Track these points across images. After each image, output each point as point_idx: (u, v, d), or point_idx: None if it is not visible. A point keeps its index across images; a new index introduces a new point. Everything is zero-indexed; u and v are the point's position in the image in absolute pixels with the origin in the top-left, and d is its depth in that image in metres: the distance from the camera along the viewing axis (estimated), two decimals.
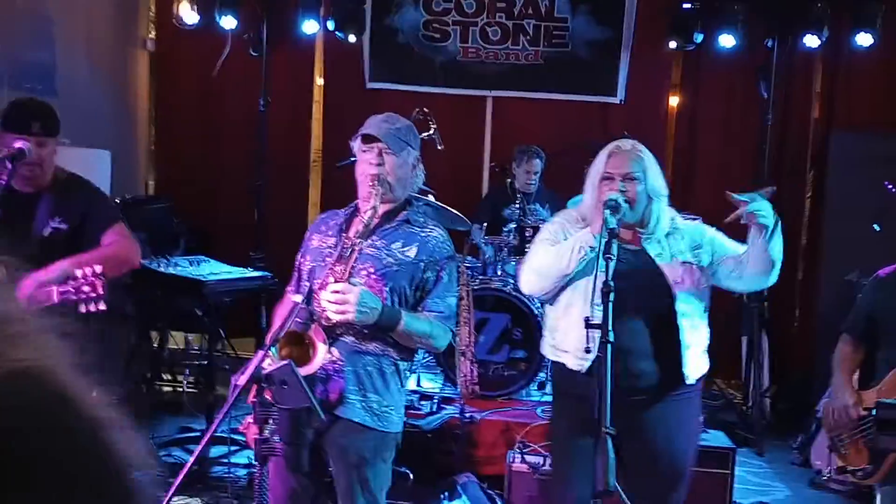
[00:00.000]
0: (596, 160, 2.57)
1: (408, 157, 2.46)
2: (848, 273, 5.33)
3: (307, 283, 2.36)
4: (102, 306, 2.45)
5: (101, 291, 2.43)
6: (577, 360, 2.47)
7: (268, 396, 2.05)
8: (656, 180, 2.56)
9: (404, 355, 2.47)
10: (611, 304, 1.89)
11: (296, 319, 2.19)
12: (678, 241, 2.58)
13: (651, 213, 2.54)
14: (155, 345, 5.45)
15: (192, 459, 1.95)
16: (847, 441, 2.93)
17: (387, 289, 2.38)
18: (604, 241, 2.28)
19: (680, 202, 5.98)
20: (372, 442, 2.41)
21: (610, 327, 1.81)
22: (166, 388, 5.62)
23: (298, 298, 2.19)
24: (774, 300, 5.89)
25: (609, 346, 1.77)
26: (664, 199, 2.59)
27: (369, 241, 2.38)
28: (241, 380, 2.04)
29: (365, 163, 2.43)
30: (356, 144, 2.48)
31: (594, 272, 2.33)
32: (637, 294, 2.41)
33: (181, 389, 5.40)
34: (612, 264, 2.22)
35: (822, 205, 5.80)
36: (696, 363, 2.55)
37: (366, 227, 2.31)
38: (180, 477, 1.91)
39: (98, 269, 2.45)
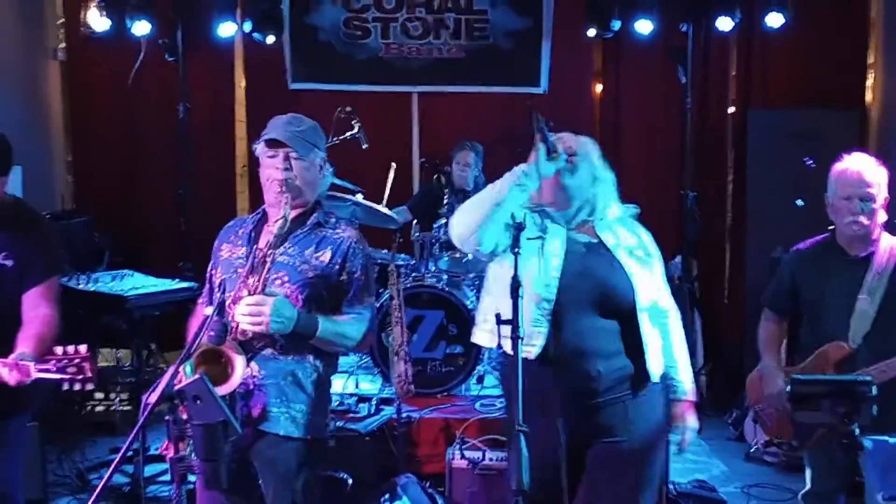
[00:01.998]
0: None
1: (315, 159, 2.43)
2: (772, 250, 5.48)
3: (220, 295, 2.29)
4: (90, 386, 2.35)
5: (89, 374, 2.34)
6: (524, 347, 2.31)
7: (181, 413, 1.99)
8: (602, 164, 2.49)
9: (325, 360, 2.43)
10: (520, 300, 1.87)
11: (209, 332, 2.12)
12: (629, 235, 2.48)
13: (598, 196, 2.45)
14: None
15: (103, 481, 1.88)
16: (773, 415, 3.00)
17: (303, 297, 2.34)
18: (532, 178, 2.24)
19: None
20: (300, 451, 2.37)
21: (520, 322, 1.79)
22: (98, 408, 5.45)
23: (209, 311, 2.12)
24: (704, 279, 6.02)
25: (520, 341, 1.76)
26: (610, 187, 2.51)
27: (282, 249, 2.33)
28: (153, 398, 1.98)
29: (271, 168, 2.38)
30: (259, 148, 2.42)
31: (539, 257, 2.27)
32: (595, 289, 2.30)
33: (113, 408, 5.25)
34: (553, 255, 2.21)
35: (744, 183, 5.94)
36: (658, 359, 2.42)
37: (277, 237, 2.25)
38: (94, 496, 1.83)
39: (83, 349, 2.35)
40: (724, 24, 5.52)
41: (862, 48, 5.90)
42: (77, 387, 2.35)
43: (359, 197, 4.66)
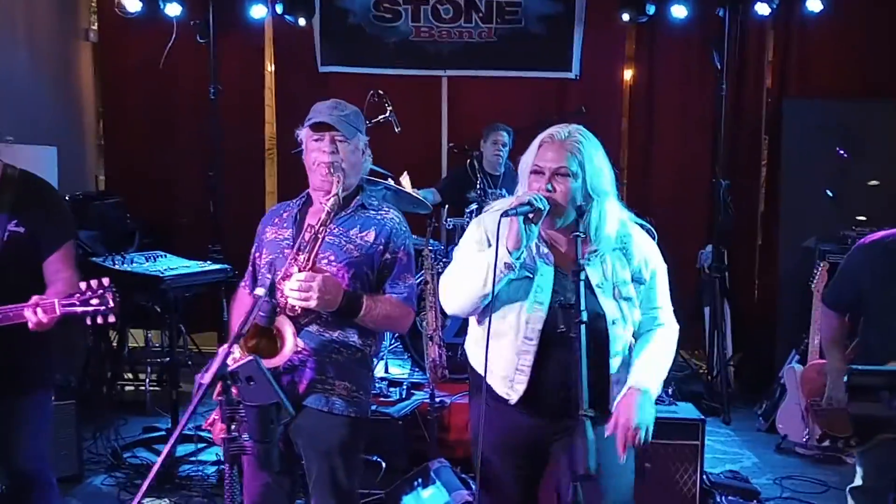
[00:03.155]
0: (529, 148, 2.24)
1: (359, 143, 2.45)
2: (805, 239, 5.42)
3: (269, 276, 2.29)
4: (112, 318, 2.36)
5: (111, 304, 2.34)
6: (504, 389, 2.22)
7: (234, 393, 1.99)
8: (598, 176, 2.17)
9: (369, 340, 2.45)
10: (582, 283, 1.82)
11: (259, 313, 2.12)
12: (624, 266, 2.22)
13: (590, 215, 2.16)
14: (114, 344, 5.31)
15: (160, 460, 1.88)
16: (832, 412, 2.91)
17: (349, 276, 2.36)
18: (522, 257, 2.05)
19: (637, 177, 6.16)
20: (342, 429, 2.39)
21: (583, 307, 1.76)
22: (128, 388, 5.50)
23: (261, 292, 2.12)
24: (735, 268, 5.97)
25: (583, 326, 1.73)
26: (609, 198, 2.20)
27: (327, 230, 2.33)
28: (206, 378, 1.97)
29: (317, 151, 2.40)
30: (303, 133, 2.44)
31: (524, 302, 2.12)
32: (574, 328, 2.01)
33: (143, 388, 5.30)
34: (539, 292, 2.08)
35: (777, 172, 5.87)
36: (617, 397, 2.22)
37: (328, 214, 2.27)
38: (148, 480, 1.84)
39: (106, 280, 2.36)
40: (762, 9, 5.45)
41: None
42: (100, 320, 2.36)
43: (389, 181, 4.66)
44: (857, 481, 2.94)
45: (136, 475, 4.12)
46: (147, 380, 5.33)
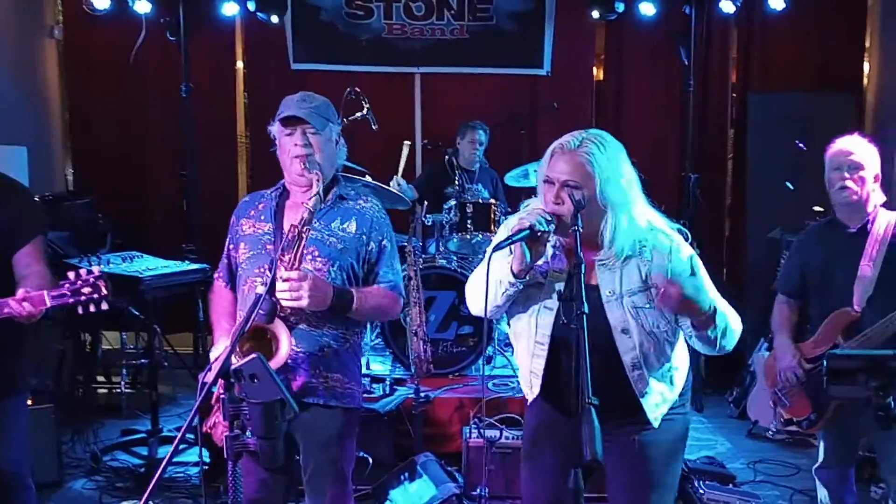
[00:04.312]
0: (544, 156, 2.16)
1: (331, 134, 2.45)
2: (771, 230, 5.57)
3: (268, 273, 2.29)
4: (105, 306, 2.35)
5: (104, 292, 2.34)
6: (526, 389, 2.30)
7: (236, 392, 2.00)
8: (612, 185, 2.08)
9: (356, 330, 2.49)
10: (581, 275, 1.87)
11: (260, 311, 2.13)
12: (635, 270, 2.13)
13: (606, 226, 2.09)
14: (87, 347, 5.24)
15: (166, 460, 1.89)
16: (790, 394, 3.09)
17: (333, 269, 2.38)
18: (527, 277, 2.05)
19: None
20: (338, 420, 2.44)
21: (584, 299, 1.81)
22: (102, 391, 5.43)
23: (261, 289, 2.13)
24: (703, 260, 6.07)
25: (585, 317, 1.78)
26: (628, 206, 2.11)
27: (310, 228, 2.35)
28: (209, 377, 1.99)
29: (290, 145, 2.40)
30: (275, 128, 2.44)
31: (536, 305, 2.14)
32: (576, 321, 1.92)
33: (118, 391, 5.23)
34: (549, 298, 2.11)
35: (743, 165, 6.02)
36: (660, 406, 2.19)
37: (311, 213, 2.27)
38: (154, 481, 1.85)
39: (97, 269, 2.37)
40: (727, 6, 5.56)
41: (860, 33, 5.99)
42: (92, 308, 2.36)
43: (366, 178, 4.67)
44: (820, 458, 3.10)
45: (116, 478, 4.09)
46: (122, 382, 5.27)
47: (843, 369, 2.22)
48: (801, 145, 5.50)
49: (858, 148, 2.93)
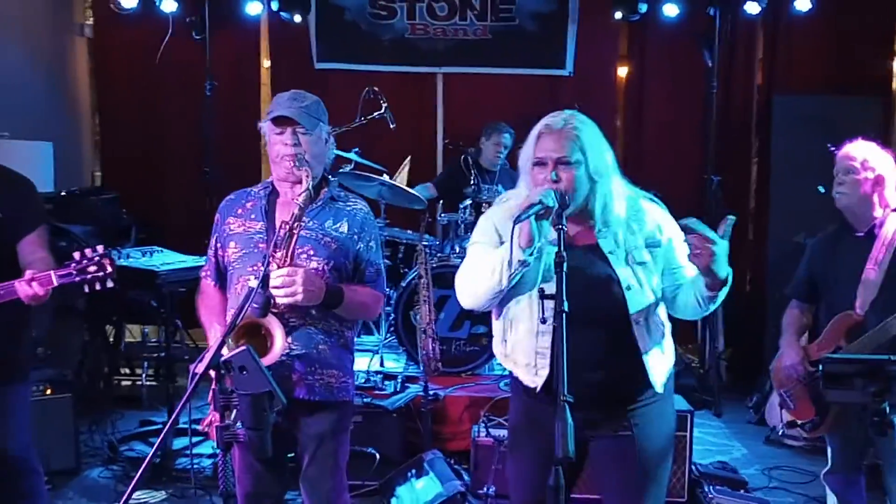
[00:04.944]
0: (526, 141, 2.23)
1: (321, 133, 2.47)
2: (796, 235, 5.47)
3: (262, 268, 2.32)
4: (110, 284, 2.39)
5: (109, 269, 2.37)
6: (529, 377, 2.24)
7: (227, 383, 2.04)
8: (599, 158, 2.19)
9: (348, 325, 2.52)
10: (564, 274, 1.86)
11: (252, 305, 2.16)
12: (635, 233, 2.23)
13: (596, 197, 2.19)
14: (111, 339, 5.36)
15: (153, 450, 1.93)
16: (795, 396, 3.05)
17: (329, 268, 2.41)
18: (535, 254, 2.06)
19: (630, 172, 6.20)
20: (333, 414, 2.47)
21: (564, 297, 1.80)
22: (125, 383, 5.54)
23: (254, 283, 2.16)
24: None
25: (564, 315, 1.77)
26: (613, 177, 2.22)
27: (301, 225, 2.37)
28: (200, 368, 2.03)
29: (280, 144, 2.42)
30: (266, 126, 2.46)
31: (536, 283, 2.13)
32: (584, 297, 2.04)
33: (140, 383, 5.34)
34: (548, 271, 2.05)
35: (767, 168, 5.93)
36: (660, 367, 2.25)
37: (301, 209, 2.30)
38: (142, 469, 1.88)
39: (101, 248, 2.41)
40: (752, 7, 5.49)
41: (887, 34, 5.86)
42: (98, 286, 2.39)
43: (384, 177, 4.71)
44: (829, 464, 3.05)
45: (132, 468, 4.16)
46: (143, 374, 5.37)
47: (839, 374, 2.18)
48: (832, 148, 5.40)
49: (859, 152, 2.91)
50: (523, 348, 2.24)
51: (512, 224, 2.03)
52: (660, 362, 2.25)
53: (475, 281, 2.20)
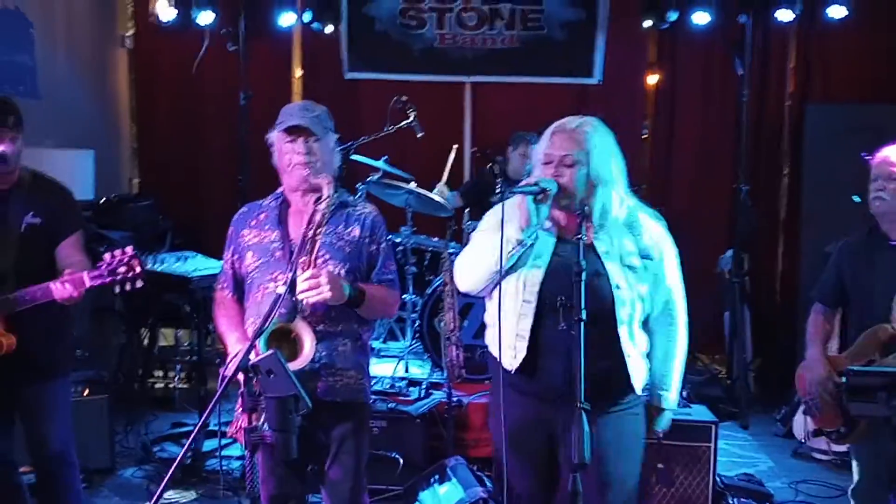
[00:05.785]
0: (542, 138, 2.33)
1: (330, 141, 2.56)
2: (827, 245, 5.41)
3: (290, 274, 2.38)
4: (139, 284, 2.49)
5: (138, 270, 2.48)
6: (508, 359, 2.32)
7: (255, 386, 2.10)
8: (604, 164, 2.27)
9: (366, 327, 2.60)
10: (583, 284, 1.90)
11: (280, 310, 2.23)
12: (631, 241, 2.31)
13: (595, 201, 2.26)
14: (145, 342, 5.49)
15: (182, 451, 2.01)
16: (821, 404, 3.01)
17: (345, 271, 2.48)
18: (532, 235, 2.15)
19: (659, 180, 6.20)
20: (354, 414, 2.54)
21: (583, 305, 1.84)
22: (158, 385, 5.66)
23: (282, 289, 2.23)
24: (756, 273, 5.98)
25: (582, 324, 1.81)
26: (615, 186, 2.29)
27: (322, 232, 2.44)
28: (229, 371, 2.09)
29: (292, 153, 2.49)
30: (275, 136, 2.54)
31: (524, 266, 2.22)
32: (575, 290, 2.07)
33: (172, 385, 5.46)
34: (538, 258, 2.16)
35: (799, 178, 5.88)
36: (638, 372, 2.33)
37: (323, 216, 2.38)
38: (171, 470, 1.95)
39: (129, 249, 2.51)
40: (784, 15, 5.46)
41: None
42: (129, 286, 2.49)
43: (412, 185, 4.77)
44: (855, 478, 3.01)
45: (164, 468, 4.26)
46: (176, 377, 5.49)
47: (863, 386, 2.18)
48: (866, 156, 5.33)
49: None
50: (508, 329, 2.31)
51: (523, 197, 2.14)
52: (640, 369, 2.33)
53: (474, 262, 2.32)
